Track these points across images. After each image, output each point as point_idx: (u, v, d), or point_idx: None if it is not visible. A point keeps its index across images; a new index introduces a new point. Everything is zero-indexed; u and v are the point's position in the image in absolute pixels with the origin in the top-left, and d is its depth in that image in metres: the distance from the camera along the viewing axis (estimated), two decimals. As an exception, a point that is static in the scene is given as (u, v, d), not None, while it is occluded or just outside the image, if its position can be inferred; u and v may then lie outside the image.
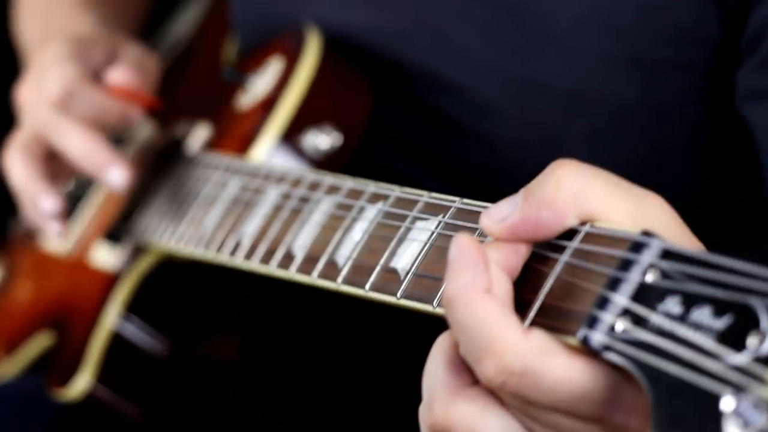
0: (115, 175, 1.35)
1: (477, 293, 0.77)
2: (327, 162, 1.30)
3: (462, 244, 0.79)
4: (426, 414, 0.82)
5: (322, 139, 1.30)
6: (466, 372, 0.81)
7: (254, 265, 1.13)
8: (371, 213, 1.02)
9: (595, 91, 1.22)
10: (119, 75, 1.39)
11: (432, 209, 0.96)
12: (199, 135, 1.45)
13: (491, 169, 1.30)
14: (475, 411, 0.80)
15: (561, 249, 0.81)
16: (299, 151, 1.30)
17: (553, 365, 0.76)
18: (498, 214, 0.82)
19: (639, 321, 0.74)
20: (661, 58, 1.19)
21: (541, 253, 0.82)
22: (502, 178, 1.29)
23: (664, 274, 0.74)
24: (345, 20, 1.35)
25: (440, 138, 1.32)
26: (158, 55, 1.60)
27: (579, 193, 0.80)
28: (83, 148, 1.36)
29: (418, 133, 1.34)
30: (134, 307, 1.37)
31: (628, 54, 1.19)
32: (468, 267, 0.78)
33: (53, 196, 1.39)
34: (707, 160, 1.25)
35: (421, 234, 0.95)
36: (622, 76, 1.20)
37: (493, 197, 1.29)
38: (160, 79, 1.50)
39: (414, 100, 1.32)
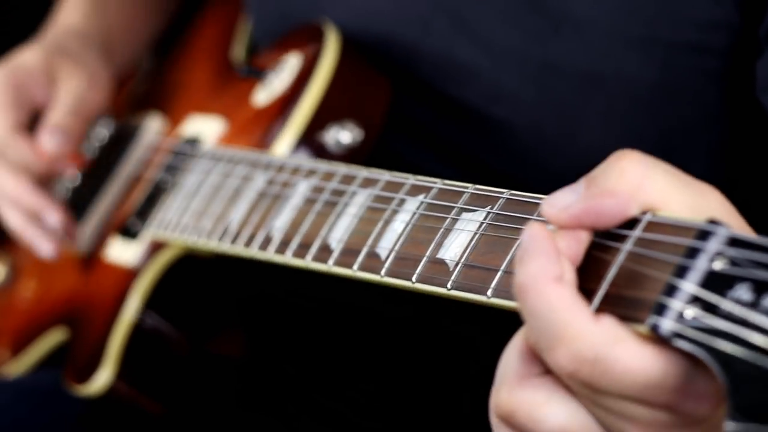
0: (52, 218, 1.50)
1: (549, 281, 0.78)
2: (348, 157, 1.30)
3: (534, 233, 0.80)
4: (493, 397, 0.83)
5: (343, 135, 1.30)
6: (536, 362, 0.81)
7: (287, 258, 1.13)
8: (412, 205, 1.02)
9: (612, 72, 1.22)
10: (47, 141, 1.49)
11: (479, 201, 0.97)
12: (211, 130, 1.45)
13: (506, 153, 1.30)
14: (538, 399, 0.81)
15: (622, 238, 0.82)
16: (321, 147, 1.30)
17: (624, 353, 0.76)
18: (560, 202, 0.83)
19: (709, 308, 0.74)
20: (678, 40, 1.20)
21: (602, 242, 0.83)
22: (518, 162, 1.30)
23: (733, 262, 0.75)
24: (363, 6, 1.36)
25: (455, 123, 1.32)
26: (117, 68, 1.64)
27: (641, 184, 0.81)
28: (16, 188, 1.49)
29: (433, 119, 1.34)
30: (153, 302, 1.37)
31: (645, 34, 1.20)
32: (540, 255, 0.79)
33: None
34: (723, 144, 1.26)
35: (468, 225, 0.95)
36: (640, 56, 1.21)
37: (508, 181, 1.31)
38: (113, 95, 1.59)
39: (429, 87, 1.32)
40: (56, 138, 1.48)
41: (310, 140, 1.30)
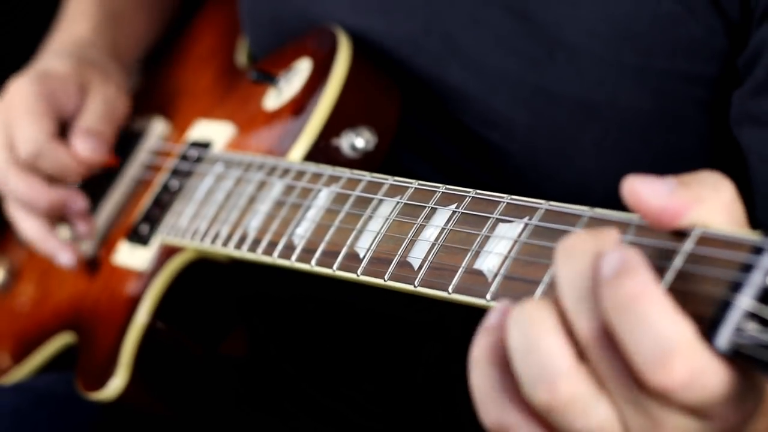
0: (78, 204, 1.52)
1: (659, 291, 0.78)
2: (363, 162, 1.30)
3: (629, 250, 0.80)
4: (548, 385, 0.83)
5: (358, 140, 1.30)
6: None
7: (312, 267, 1.12)
8: (444, 214, 1.02)
9: (605, 100, 1.23)
10: (81, 146, 1.50)
11: (515, 211, 0.96)
12: (220, 135, 1.44)
13: (501, 175, 1.31)
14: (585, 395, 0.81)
15: (671, 253, 0.82)
16: (336, 152, 1.29)
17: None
18: (654, 187, 0.82)
19: (767, 323, 0.75)
20: (671, 69, 1.21)
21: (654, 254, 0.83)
22: (512, 184, 1.30)
23: (789, 277, 0.76)
24: (355, 22, 1.36)
25: (450, 142, 1.33)
26: (134, 79, 1.66)
27: (723, 207, 0.81)
28: (30, 189, 1.51)
29: (429, 133, 1.34)
30: (166, 306, 1.36)
31: (639, 63, 1.21)
32: (644, 266, 0.79)
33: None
34: (715, 170, 1.27)
35: (506, 235, 0.95)
36: (633, 84, 1.22)
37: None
38: (132, 109, 1.60)
39: (421, 106, 1.33)
40: (90, 142, 1.50)
41: (326, 145, 1.29)
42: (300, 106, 1.33)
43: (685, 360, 0.76)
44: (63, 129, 1.54)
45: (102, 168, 1.53)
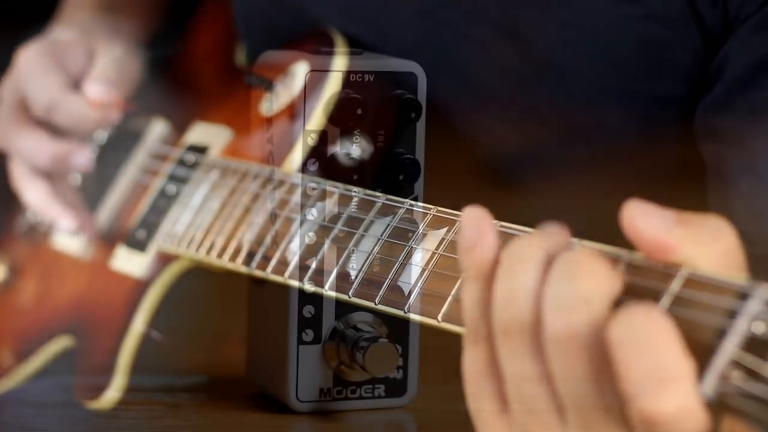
0: (81, 158, 1.49)
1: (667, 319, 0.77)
2: (359, 170, 1.29)
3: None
4: None
5: (353, 149, 1.29)
6: None
7: (304, 285, 1.12)
8: (435, 239, 1.02)
9: (592, 123, 1.23)
10: (94, 89, 1.47)
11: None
12: (217, 140, 1.43)
13: (492, 195, 1.31)
14: None
15: (658, 293, 0.81)
16: (332, 160, 1.29)
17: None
18: (651, 218, 0.80)
19: (751, 373, 0.74)
20: (657, 93, 1.21)
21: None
22: (502, 205, 1.30)
23: (774, 325, 0.75)
24: (343, 29, 1.35)
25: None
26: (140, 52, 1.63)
27: (725, 255, 0.80)
28: (36, 141, 1.47)
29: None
30: (161, 314, 1.36)
31: (625, 87, 1.21)
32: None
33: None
34: (702, 193, 1.27)
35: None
36: (620, 108, 1.22)
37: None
38: (140, 76, 1.56)
39: None
40: (102, 85, 1.48)
41: (321, 153, 1.29)
42: (295, 111, 1.33)
43: (679, 395, 0.75)
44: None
45: (122, 111, 1.51)
